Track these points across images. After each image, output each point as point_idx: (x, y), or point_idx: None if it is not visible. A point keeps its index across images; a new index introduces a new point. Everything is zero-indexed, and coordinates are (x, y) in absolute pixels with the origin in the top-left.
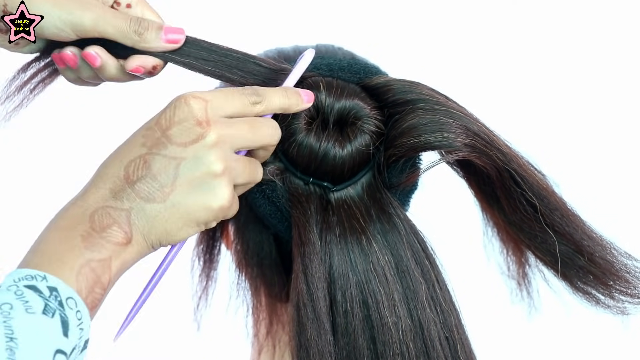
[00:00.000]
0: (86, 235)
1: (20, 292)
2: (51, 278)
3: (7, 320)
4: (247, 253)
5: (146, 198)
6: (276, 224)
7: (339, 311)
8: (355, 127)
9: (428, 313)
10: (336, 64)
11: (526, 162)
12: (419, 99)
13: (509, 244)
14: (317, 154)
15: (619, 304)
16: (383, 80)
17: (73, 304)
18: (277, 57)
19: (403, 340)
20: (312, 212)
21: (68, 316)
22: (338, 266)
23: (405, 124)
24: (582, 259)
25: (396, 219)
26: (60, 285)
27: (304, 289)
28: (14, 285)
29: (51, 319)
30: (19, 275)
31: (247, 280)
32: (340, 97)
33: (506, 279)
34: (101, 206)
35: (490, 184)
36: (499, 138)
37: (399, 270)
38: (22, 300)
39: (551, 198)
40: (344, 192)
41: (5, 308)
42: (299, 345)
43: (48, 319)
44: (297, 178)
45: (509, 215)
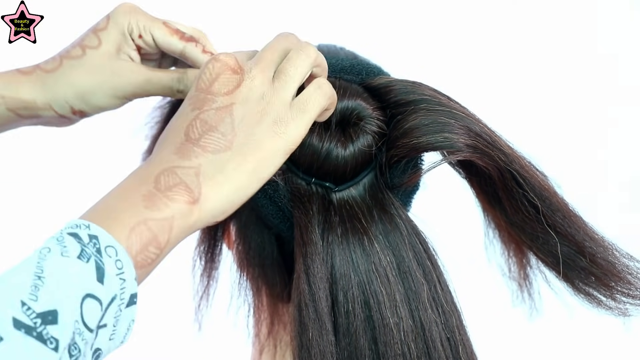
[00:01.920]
0: (148, 195)
1: (62, 238)
2: (94, 227)
3: (40, 262)
4: (248, 253)
5: (213, 150)
6: (278, 224)
7: (341, 311)
8: (358, 127)
9: (430, 314)
10: (338, 65)
11: (528, 163)
12: (421, 99)
13: (510, 245)
14: (319, 154)
15: (621, 306)
16: (385, 81)
17: (113, 252)
18: None
19: (404, 341)
20: (314, 213)
21: (105, 263)
22: (340, 266)
23: (407, 125)
24: (583, 260)
25: (398, 220)
26: (102, 234)
27: (306, 289)
28: (59, 233)
29: (85, 263)
30: (68, 225)
31: (248, 280)
32: (342, 97)
33: (507, 281)
34: (167, 167)
35: (492, 185)
36: (501, 139)
37: (401, 270)
38: (61, 245)
39: (553, 199)
40: (346, 193)
41: (44, 252)
42: (300, 346)
43: (82, 263)
44: (299, 178)
45: (511, 216)
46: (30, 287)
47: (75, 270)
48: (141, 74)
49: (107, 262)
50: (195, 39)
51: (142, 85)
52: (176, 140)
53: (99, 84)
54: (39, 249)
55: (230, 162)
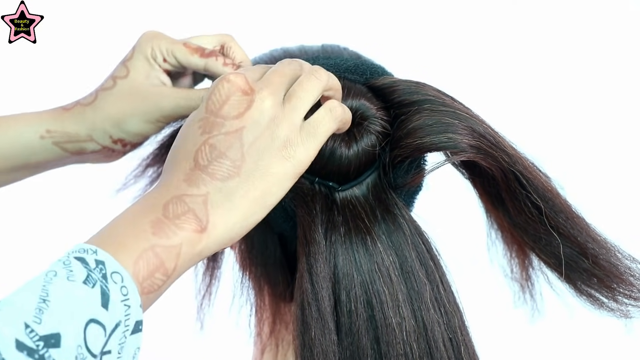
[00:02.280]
0: (156, 222)
1: (69, 262)
2: (101, 252)
3: (46, 285)
4: (251, 252)
5: (222, 177)
6: (281, 223)
7: (343, 311)
8: (362, 127)
9: (432, 314)
10: (343, 64)
11: (531, 164)
12: (425, 99)
13: (512, 246)
14: (323, 153)
15: (622, 307)
16: (389, 81)
17: (119, 278)
18: (283, 56)
19: (407, 341)
20: (317, 212)
21: (110, 289)
22: (343, 266)
23: (411, 125)
24: (586, 261)
25: (401, 220)
26: (109, 260)
27: (309, 289)
28: (65, 256)
29: (91, 289)
30: (75, 249)
31: (250, 280)
32: (347, 97)
33: (509, 282)
34: (175, 195)
35: (495, 186)
36: (505, 140)
37: (404, 270)
38: (67, 269)
39: (556, 200)
40: (350, 192)
41: (50, 275)
42: (302, 345)
43: (87, 288)
44: (302, 177)
45: (514, 217)
46: (35, 309)
47: (80, 295)
48: (171, 97)
49: (113, 288)
50: (215, 52)
51: (172, 108)
52: (185, 165)
53: (131, 110)
54: (45, 272)
55: (239, 189)
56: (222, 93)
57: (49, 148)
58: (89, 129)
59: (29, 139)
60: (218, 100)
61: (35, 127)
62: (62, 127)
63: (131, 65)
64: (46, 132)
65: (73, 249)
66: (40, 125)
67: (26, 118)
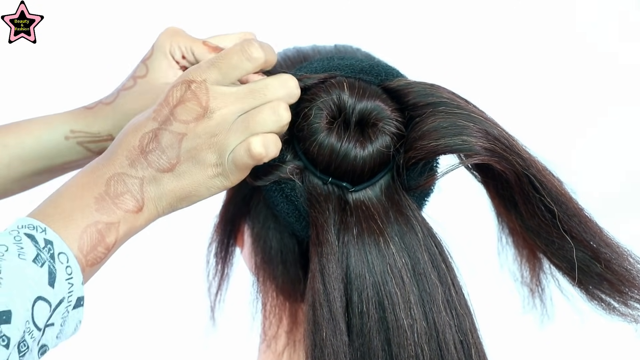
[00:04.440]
0: (99, 198)
1: (19, 238)
2: (50, 232)
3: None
4: (266, 252)
5: (157, 169)
6: (293, 222)
7: (355, 312)
8: (377, 128)
9: (443, 316)
10: (358, 65)
11: (545, 168)
12: (439, 102)
13: (523, 250)
14: (337, 153)
15: (634, 312)
16: (404, 83)
17: (65, 259)
18: (297, 55)
19: (418, 343)
20: (330, 212)
21: (57, 269)
22: (355, 267)
23: (425, 127)
24: (598, 266)
25: (414, 222)
26: (57, 240)
27: (321, 289)
28: (15, 231)
29: (40, 267)
30: (24, 223)
31: (261, 279)
32: (362, 98)
33: (519, 286)
34: (118, 172)
35: (508, 189)
36: (519, 143)
37: (416, 272)
38: (18, 246)
39: (569, 204)
40: (363, 193)
41: (1, 249)
42: (313, 345)
43: (36, 267)
44: (316, 177)
45: (527, 220)
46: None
47: (30, 274)
48: None
49: (59, 267)
50: None
51: None
52: (132, 142)
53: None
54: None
55: (169, 184)
56: (180, 94)
57: (74, 148)
58: (109, 128)
59: (55, 140)
60: (175, 98)
61: (59, 128)
62: (86, 126)
63: (150, 63)
64: (70, 132)
65: (23, 222)
66: (64, 126)
67: (49, 120)
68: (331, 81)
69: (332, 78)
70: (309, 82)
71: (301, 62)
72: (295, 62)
